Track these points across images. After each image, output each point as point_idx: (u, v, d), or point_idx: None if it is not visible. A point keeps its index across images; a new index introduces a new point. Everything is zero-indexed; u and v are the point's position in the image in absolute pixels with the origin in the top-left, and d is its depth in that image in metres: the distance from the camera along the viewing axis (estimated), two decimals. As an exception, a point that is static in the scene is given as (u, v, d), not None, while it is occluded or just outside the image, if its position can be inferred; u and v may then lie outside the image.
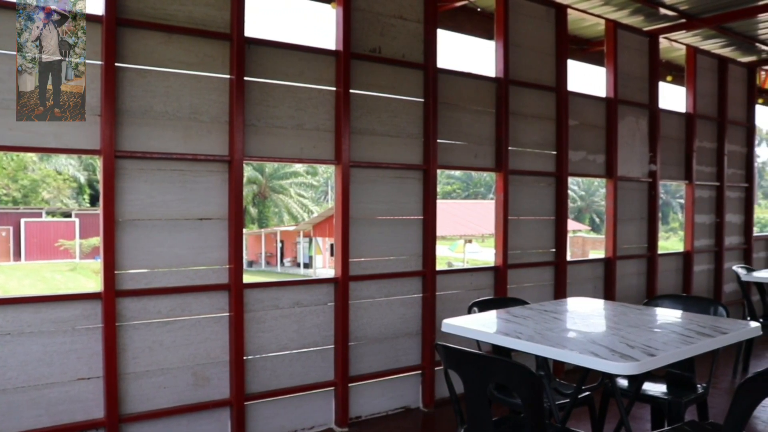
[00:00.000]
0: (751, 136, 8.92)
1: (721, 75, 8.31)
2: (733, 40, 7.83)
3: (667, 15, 6.75)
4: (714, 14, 6.80)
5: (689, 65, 7.91)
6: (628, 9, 6.56)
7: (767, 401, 4.59)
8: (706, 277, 8.26)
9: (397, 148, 5.08)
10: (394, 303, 5.11)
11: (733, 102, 8.52)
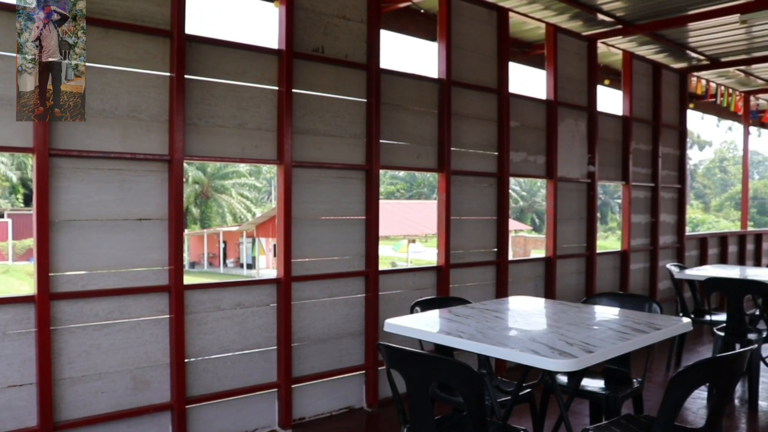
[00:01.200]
0: (683, 139, 9.22)
1: (655, 80, 8.57)
2: (667, 47, 8.09)
3: (604, 21, 6.92)
4: (648, 21, 7.02)
5: (625, 70, 8.13)
6: (568, 14, 6.70)
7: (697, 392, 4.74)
8: (642, 275, 8.50)
9: (340, 148, 5.07)
10: (337, 303, 5.10)
11: (667, 106, 8.80)
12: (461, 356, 4.03)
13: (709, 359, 2.63)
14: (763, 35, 7.86)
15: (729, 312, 5.55)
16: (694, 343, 7.49)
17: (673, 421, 2.56)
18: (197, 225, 42.19)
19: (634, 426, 3.14)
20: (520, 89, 6.58)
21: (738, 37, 7.89)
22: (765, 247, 11.81)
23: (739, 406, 5.38)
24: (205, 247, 39.63)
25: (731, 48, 8.40)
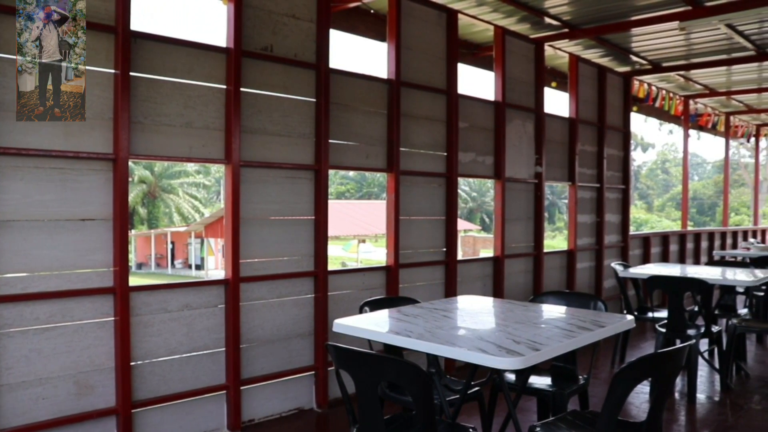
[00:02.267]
0: (627, 141, 9.44)
1: (600, 83, 8.75)
2: (611, 51, 8.28)
3: (551, 24, 7.04)
4: (594, 26, 7.18)
5: (572, 73, 8.28)
6: (516, 16, 6.79)
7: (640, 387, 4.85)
8: (588, 274, 8.67)
9: (289, 147, 5.04)
10: (286, 304, 5.07)
11: (611, 109, 9.00)
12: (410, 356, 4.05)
13: (651, 355, 2.69)
14: (700, 42, 8.13)
15: (670, 309, 5.71)
16: (638, 339, 7.67)
17: (616, 416, 2.61)
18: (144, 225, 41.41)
19: (580, 421, 3.19)
20: (469, 90, 6.64)
21: (678, 43, 8.14)
22: (704, 246, 12.19)
23: (679, 399, 5.54)
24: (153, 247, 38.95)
25: (671, 54, 8.65)
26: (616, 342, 6.55)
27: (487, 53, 7.51)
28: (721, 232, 13.24)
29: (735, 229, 14.27)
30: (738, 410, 5.29)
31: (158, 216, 42.53)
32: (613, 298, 8.83)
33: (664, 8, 6.63)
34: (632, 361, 2.62)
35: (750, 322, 6.40)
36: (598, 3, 6.54)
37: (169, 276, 35.11)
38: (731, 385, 5.86)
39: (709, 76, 10.22)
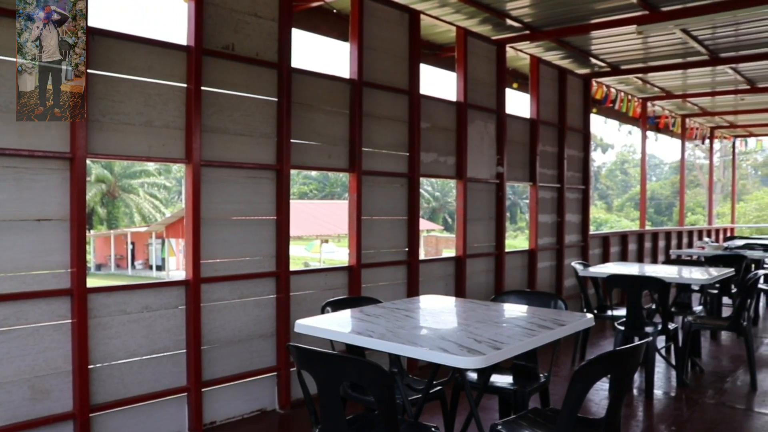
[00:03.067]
0: (587, 142, 9.58)
1: (561, 84, 8.86)
2: (571, 53, 8.40)
3: (513, 26, 7.11)
4: (554, 28, 7.27)
5: (533, 74, 8.37)
6: (478, 18, 6.84)
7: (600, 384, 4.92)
8: (549, 273, 8.78)
9: (251, 147, 5.00)
10: (248, 304, 5.03)
11: (572, 110, 9.12)
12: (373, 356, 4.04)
13: (609, 353, 2.73)
14: (657, 46, 8.30)
15: (628, 307, 5.80)
16: (598, 337, 7.79)
17: (576, 413, 2.65)
18: (104, 226, 40.71)
19: (541, 419, 3.23)
20: (431, 91, 6.67)
21: (636, 46, 8.30)
22: (661, 245, 12.43)
23: (637, 395, 5.64)
24: (112, 248, 38.34)
25: (630, 56, 8.81)
26: (576, 340, 6.64)
27: (449, 54, 7.55)
28: (678, 232, 13.52)
29: (691, 229, 14.58)
30: (693, 405, 5.40)
31: (118, 216, 41.86)
32: (574, 297, 8.95)
33: (622, 12, 6.75)
34: (591, 358, 2.66)
35: (704, 319, 6.54)
36: (558, 6, 6.63)
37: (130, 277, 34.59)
38: (687, 380, 5.99)
39: (665, 79, 10.43)
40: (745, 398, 5.59)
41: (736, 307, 6.00)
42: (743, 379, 6.12)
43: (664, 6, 6.59)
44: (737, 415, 5.18)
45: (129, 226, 40.06)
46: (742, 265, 7.95)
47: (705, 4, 6.46)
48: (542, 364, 4.08)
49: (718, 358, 7.09)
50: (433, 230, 41.86)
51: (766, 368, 6.52)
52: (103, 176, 40.85)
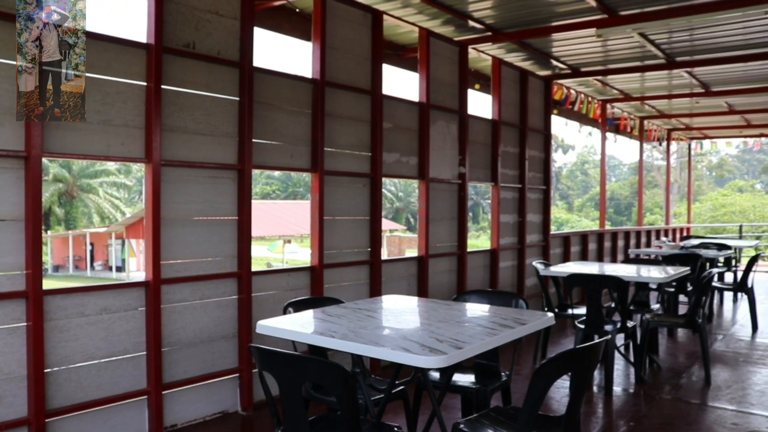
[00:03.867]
0: (548, 143, 9.70)
1: (522, 86, 8.95)
2: (533, 55, 8.49)
3: (475, 27, 7.16)
4: (516, 30, 7.34)
5: (495, 75, 8.44)
6: (441, 19, 6.88)
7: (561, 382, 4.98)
8: (511, 273, 8.86)
9: (212, 147, 4.95)
10: (209, 305, 4.98)
11: (533, 111, 9.22)
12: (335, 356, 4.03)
13: (569, 351, 2.77)
14: (616, 49, 8.45)
15: (588, 306, 5.89)
16: (559, 336, 7.89)
17: (537, 410, 2.67)
18: (61, 226, 39.91)
19: (502, 417, 3.26)
20: (394, 91, 6.69)
21: (595, 49, 8.43)
22: (620, 245, 12.64)
23: (597, 393, 5.73)
24: (71, 249, 37.60)
25: (590, 59, 8.95)
26: (537, 338, 6.71)
27: (412, 54, 7.58)
28: (636, 232, 13.76)
29: (649, 229, 14.85)
30: (651, 401, 5.51)
31: (76, 216, 41.07)
32: (535, 296, 9.05)
33: (582, 15, 6.84)
34: (552, 357, 2.69)
35: (662, 317, 6.67)
36: (520, 8, 6.70)
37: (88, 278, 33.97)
38: (645, 377, 6.09)
39: (624, 81, 10.62)
40: (700, 393, 5.72)
41: (692, 305, 6.13)
42: (698, 374, 6.26)
43: (622, 10, 6.70)
44: (692, 409, 5.29)
45: (88, 227, 39.33)
46: (698, 264, 8.13)
47: (661, 9, 6.59)
48: (504, 363, 4.12)
49: (675, 354, 7.23)
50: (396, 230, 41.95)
51: (720, 364, 6.67)
52: (61, 176, 40.06)
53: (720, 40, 8.00)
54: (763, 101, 12.51)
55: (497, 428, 3.13)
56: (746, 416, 5.11)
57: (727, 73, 10.01)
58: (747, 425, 4.92)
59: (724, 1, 6.30)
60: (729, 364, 6.70)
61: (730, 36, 7.83)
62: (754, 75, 10.11)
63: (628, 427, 4.93)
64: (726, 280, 10.42)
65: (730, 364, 6.73)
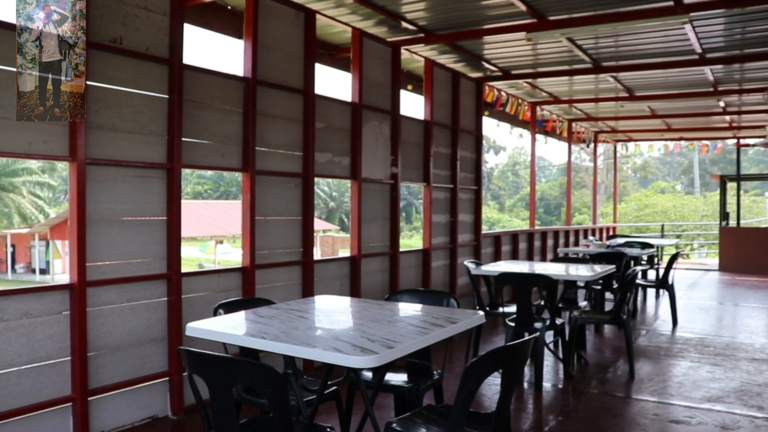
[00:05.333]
0: (479, 144, 9.84)
1: (454, 87, 9.06)
2: (465, 57, 8.60)
3: (408, 28, 7.21)
4: (448, 32, 7.42)
5: (427, 76, 8.51)
6: (373, 19, 6.89)
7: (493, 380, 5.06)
8: (443, 272, 8.95)
9: (140, 145, 4.83)
10: (137, 308, 4.85)
11: (465, 112, 9.34)
12: (268, 357, 4.00)
13: (498, 348, 2.81)
14: (546, 53, 8.65)
15: (518, 304, 6.00)
16: (490, 333, 8.01)
17: (468, 408, 2.71)
18: (-21, 228, 38.25)
19: (435, 415, 3.29)
20: (327, 91, 6.66)
21: (525, 52, 8.61)
22: (550, 244, 12.94)
23: (527, 389, 5.85)
24: (-10, 251, 36.10)
25: (520, 62, 9.13)
26: (469, 337, 6.80)
27: (345, 55, 7.57)
28: (565, 231, 14.11)
29: (577, 228, 15.25)
30: (578, 395, 5.66)
31: (-4, 217, 39.46)
32: (467, 295, 9.16)
33: (512, 19, 6.97)
34: (482, 354, 2.74)
35: (589, 314, 6.87)
36: (452, 11, 6.77)
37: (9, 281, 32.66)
38: (573, 372, 6.26)
39: (553, 84, 10.88)
40: (625, 387, 5.91)
41: (617, 302, 6.33)
42: (623, 368, 6.46)
43: (551, 15, 6.86)
44: (617, 402, 5.47)
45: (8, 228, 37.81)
46: (623, 262, 8.39)
47: (588, 16, 6.78)
48: (436, 362, 4.15)
49: (602, 350, 7.45)
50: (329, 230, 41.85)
51: (643, 358, 6.91)
52: (-22, 175, 38.44)
53: (643, 47, 8.29)
54: (682, 106, 13.06)
55: (430, 426, 3.16)
56: (666, 407, 5.32)
57: (649, 79, 10.39)
58: (667, 415, 5.11)
59: (646, 11, 6.53)
60: (651, 358, 6.95)
61: (652, 44, 8.13)
62: (674, 81, 10.54)
63: (557, 421, 5.05)
64: (649, 278, 10.78)
65: (652, 357, 6.98)
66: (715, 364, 6.65)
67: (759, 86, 10.59)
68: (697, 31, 7.44)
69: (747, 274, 15.15)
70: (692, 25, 7.12)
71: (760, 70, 9.66)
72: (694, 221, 32.15)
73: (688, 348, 7.42)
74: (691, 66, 8.97)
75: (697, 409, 5.24)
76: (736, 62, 8.91)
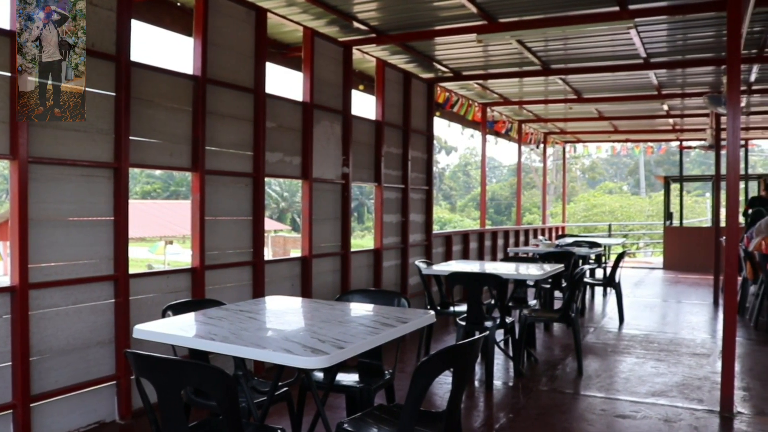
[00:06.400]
0: (430, 144, 9.90)
1: (405, 88, 9.10)
2: (416, 58, 8.64)
3: (359, 28, 7.20)
4: (399, 33, 7.45)
5: (378, 77, 8.53)
6: (325, 19, 6.87)
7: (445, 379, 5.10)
8: (394, 272, 8.98)
9: (86, 143, 4.71)
10: (83, 310, 4.74)
11: (416, 113, 9.38)
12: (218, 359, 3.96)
13: (448, 347, 2.83)
14: (496, 55, 8.75)
15: (469, 303, 6.06)
16: (442, 333, 8.07)
17: (418, 407, 2.73)
18: None
19: (386, 415, 3.30)
20: (278, 90, 6.62)
21: (476, 54, 8.69)
22: (500, 243, 13.09)
23: (478, 387, 5.91)
24: (-75, 253, 34.78)
25: (471, 63, 9.21)
26: (421, 336, 6.83)
27: (296, 54, 7.53)
28: (515, 231, 14.29)
29: (527, 228, 15.47)
30: (528, 392, 5.74)
31: (-69, 218, 38.02)
32: (418, 295, 9.21)
33: (463, 21, 7.03)
34: (432, 354, 2.75)
35: (538, 312, 6.98)
36: (404, 11, 6.80)
37: (-53, 285, 31.50)
38: (523, 370, 6.34)
39: (503, 86, 11.01)
40: (573, 383, 6.02)
41: (566, 300, 6.44)
42: (572, 365, 6.58)
43: (501, 18, 6.94)
44: (566, 399, 5.57)
45: (-54, 229, 36.50)
46: (571, 261, 8.54)
47: (538, 19, 6.89)
48: (387, 361, 4.17)
49: (551, 347, 7.57)
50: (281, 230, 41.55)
51: (591, 354, 7.05)
52: None
53: (591, 50, 8.46)
54: (628, 109, 13.38)
55: (381, 426, 3.17)
56: (613, 402, 5.44)
57: (597, 82, 10.61)
58: (613, 410, 5.23)
59: (593, 15, 6.67)
60: (599, 355, 7.09)
61: (600, 47, 8.30)
62: (621, 84, 10.78)
63: (508, 419, 5.12)
64: (596, 276, 11.01)
65: (599, 354, 7.13)
66: (659, 360, 6.83)
67: (700, 90, 10.92)
68: (642, 36, 7.62)
69: (689, 272, 15.60)
70: (637, 30, 7.30)
71: (701, 75, 9.97)
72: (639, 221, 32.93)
73: (634, 344, 7.60)
74: (637, 70, 9.20)
75: (642, 404, 5.37)
76: (679, 67, 9.16)
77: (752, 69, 9.20)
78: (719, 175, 10.75)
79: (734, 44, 5.22)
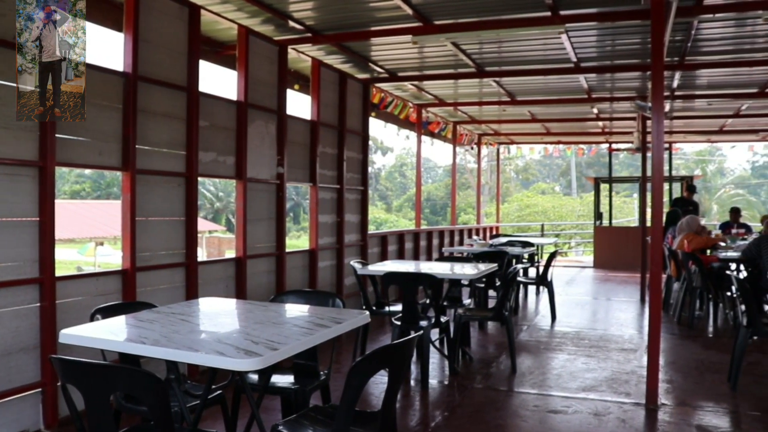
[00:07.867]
0: (365, 145, 9.92)
1: (341, 88, 9.09)
2: (352, 58, 8.65)
3: (295, 28, 7.16)
4: (335, 33, 7.45)
5: (314, 76, 8.50)
6: (260, 17, 6.80)
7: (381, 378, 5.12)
8: (330, 272, 8.96)
9: (7, 141, 4.51)
10: (5, 315, 4.55)
11: (352, 113, 9.39)
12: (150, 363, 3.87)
13: (382, 347, 2.85)
14: (431, 56, 8.85)
15: (404, 303, 6.10)
16: (378, 333, 8.10)
17: (353, 407, 2.73)
18: None
19: (321, 416, 3.29)
20: (212, 88, 6.51)
21: (412, 55, 8.76)
22: (435, 243, 13.22)
23: (414, 386, 5.96)
24: None
25: (406, 64, 9.28)
26: (357, 336, 6.84)
27: (230, 52, 7.43)
28: (450, 231, 14.46)
29: (462, 228, 15.66)
30: (464, 390, 5.82)
31: None
32: (354, 295, 9.20)
33: (399, 22, 7.08)
34: (366, 354, 2.76)
35: (473, 311, 7.07)
36: (339, 11, 6.80)
37: None
38: (458, 368, 6.42)
39: (439, 87, 11.12)
40: (507, 380, 6.14)
41: (499, 299, 6.55)
42: (506, 363, 6.70)
43: (437, 20, 7.01)
44: (501, 396, 5.67)
45: None
46: (505, 261, 8.70)
47: (472, 22, 6.99)
48: (323, 362, 4.15)
49: (485, 346, 7.69)
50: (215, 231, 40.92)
51: (524, 352, 7.20)
52: None
53: (524, 54, 8.64)
54: (560, 112, 13.72)
55: (316, 427, 3.16)
56: (545, 398, 5.57)
57: (529, 85, 10.84)
58: (546, 406, 5.36)
59: (526, 19, 6.82)
60: (532, 352, 7.25)
61: (532, 51, 8.49)
62: (553, 88, 11.05)
63: (443, 417, 5.17)
64: (529, 275, 11.23)
65: (533, 352, 7.28)
66: (589, 356, 7.02)
67: (628, 95, 11.29)
68: (573, 41, 7.83)
69: (618, 270, 16.09)
70: (568, 35, 7.49)
71: (629, 80, 10.31)
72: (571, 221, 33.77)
73: (566, 341, 7.79)
74: (568, 74, 9.45)
75: (574, 399, 5.51)
76: (608, 72, 9.45)
77: (675, 75, 9.56)
78: (645, 177, 11.13)
79: (658, 52, 5.43)
